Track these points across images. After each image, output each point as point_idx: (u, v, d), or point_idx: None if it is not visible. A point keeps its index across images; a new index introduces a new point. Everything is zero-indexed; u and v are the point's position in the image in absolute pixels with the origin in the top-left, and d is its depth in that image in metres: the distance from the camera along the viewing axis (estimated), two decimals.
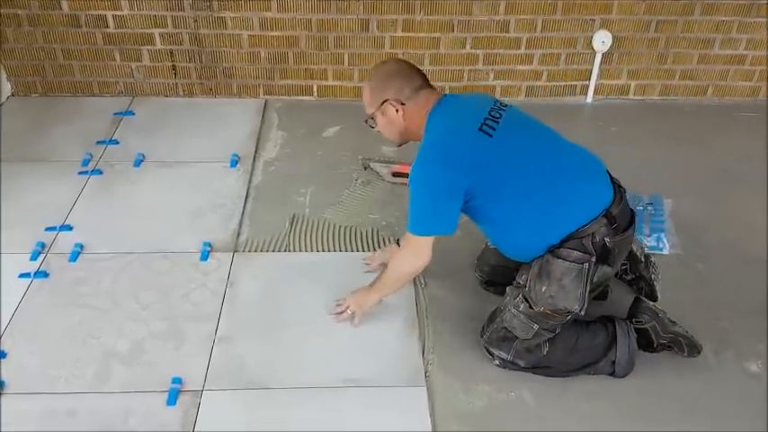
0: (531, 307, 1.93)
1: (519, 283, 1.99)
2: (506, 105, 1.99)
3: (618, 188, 1.98)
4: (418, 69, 2.03)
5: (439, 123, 1.93)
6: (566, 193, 1.89)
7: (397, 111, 1.98)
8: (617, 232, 1.90)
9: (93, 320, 2.20)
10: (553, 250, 1.90)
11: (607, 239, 1.88)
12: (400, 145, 2.13)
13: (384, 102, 1.98)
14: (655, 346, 2.04)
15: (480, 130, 1.87)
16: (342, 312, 2.18)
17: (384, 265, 2.29)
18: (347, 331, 2.16)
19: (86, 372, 2.03)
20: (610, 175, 2.01)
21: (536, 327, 1.95)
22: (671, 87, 3.60)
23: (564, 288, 1.88)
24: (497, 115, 1.92)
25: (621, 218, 1.92)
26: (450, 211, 1.89)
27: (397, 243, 2.38)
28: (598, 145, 3.17)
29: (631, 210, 2.01)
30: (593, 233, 1.87)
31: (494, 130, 1.87)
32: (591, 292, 1.94)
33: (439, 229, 1.92)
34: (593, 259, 1.87)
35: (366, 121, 2.08)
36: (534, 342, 1.98)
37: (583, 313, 1.91)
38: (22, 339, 2.13)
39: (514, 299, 1.97)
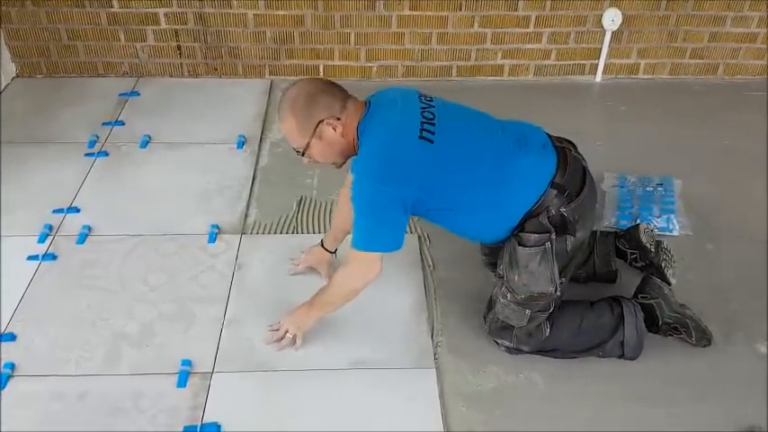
0: (515, 295, 1.93)
1: (499, 273, 1.98)
2: (431, 98, 1.91)
3: (562, 151, 1.92)
4: (334, 82, 1.89)
5: (377, 135, 1.80)
6: (508, 177, 1.85)
7: (335, 129, 1.81)
8: (571, 199, 1.87)
9: (102, 303, 2.20)
10: (516, 234, 1.90)
11: (563, 210, 1.86)
12: (341, 166, 1.97)
13: (318, 124, 1.81)
14: (660, 324, 2.03)
15: (421, 137, 1.77)
16: (281, 338, 2.03)
17: (311, 269, 2.28)
18: (356, 313, 2.15)
19: (96, 354, 2.03)
20: (552, 138, 1.96)
21: (528, 312, 1.94)
22: (681, 66, 3.55)
23: (533, 274, 1.88)
24: (430, 116, 1.83)
25: (571, 183, 1.88)
26: (398, 226, 1.82)
27: (321, 244, 2.28)
28: (607, 124, 3.20)
29: (584, 168, 1.95)
30: (547, 207, 1.86)
31: (433, 134, 1.78)
32: (571, 260, 1.93)
33: (388, 244, 1.83)
34: (553, 236, 1.86)
35: (302, 154, 1.89)
36: (533, 325, 1.97)
37: (559, 293, 1.91)
38: (32, 322, 2.13)
39: (500, 289, 1.97)
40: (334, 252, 2.28)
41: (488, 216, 1.91)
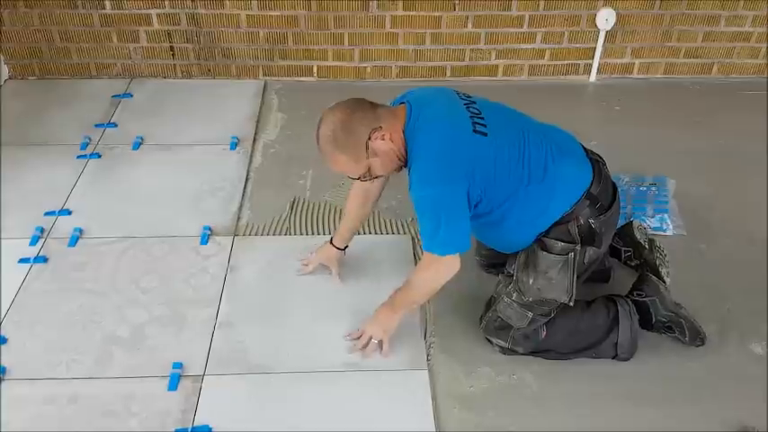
0: (522, 296, 1.92)
1: (509, 272, 1.97)
2: (469, 96, 1.90)
3: (596, 164, 1.93)
4: (356, 97, 1.85)
5: (431, 136, 1.77)
6: (550, 179, 1.84)
7: (383, 138, 1.77)
8: (601, 212, 1.87)
9: (93, 305, 2.19)
10: (539, 239, 1.88)
11: (592, 221, 1.86)
12: (400, 170, 1.90)
13: (367, 143, 1.78)
14: (653, 322, 2.03)
15: (475, 131, 1.77)
16: (366, 344, 2.01)
17: (324, 267, 2.27)
18: (348, 315, 2.15)
19: (87, 357, 2.02)
20: (585, 149, 1.97)
21: (530, 314, 1.93)
22: (675, 66, 3.55)
23: (551, 280, 1.87)
24: (476, 111, 1.82)
25: (603, 196, 1.89)
26: (467, 223, 1.80)
27: (331, 242, 2.26)
28: (601, 124, 3.19)
29: (613, 183, 1.97)
30: (577, 216, 1.85)
31: (485, 127, 1.78)
32: (585, 272, 1.93)
33: (464, 244, 1.81)
34: (578, 247, 1.85)
35: (364, 179, 1.87)
36: (531, 328, 1.97)
37: (572, 304, 1.90)
38: (23, 325, 2.12)
39: (506, 288, 1.96)
40: (344, 249, 2.26)
41: (527, 219, 1.87)
